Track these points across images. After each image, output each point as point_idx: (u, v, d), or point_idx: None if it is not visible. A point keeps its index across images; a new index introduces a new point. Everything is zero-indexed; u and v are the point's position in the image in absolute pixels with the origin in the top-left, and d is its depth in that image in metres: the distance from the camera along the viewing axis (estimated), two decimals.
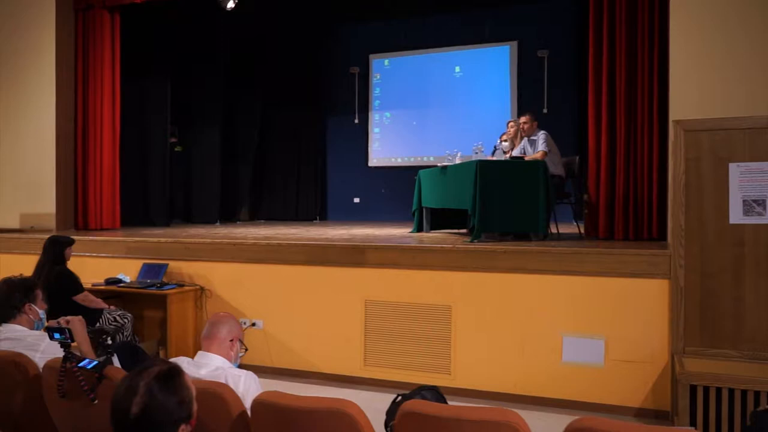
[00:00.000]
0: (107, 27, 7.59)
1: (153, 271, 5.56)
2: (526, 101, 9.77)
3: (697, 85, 4.89)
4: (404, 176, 10.69)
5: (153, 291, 5.27)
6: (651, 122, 5.31)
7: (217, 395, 2.13)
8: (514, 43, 10.00)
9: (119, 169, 7.78)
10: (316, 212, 10.87)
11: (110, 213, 7.67)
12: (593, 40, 5.69)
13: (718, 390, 3.59)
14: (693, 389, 3.64)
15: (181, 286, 5.43)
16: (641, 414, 4.25)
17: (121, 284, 5.50)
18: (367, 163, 10.93)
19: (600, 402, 4.34)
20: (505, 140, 6.72)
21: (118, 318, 5.02)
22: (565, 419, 2.00)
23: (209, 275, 5.50)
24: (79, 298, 4.91)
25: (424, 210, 6.90)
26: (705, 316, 4.07)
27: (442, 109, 10.45)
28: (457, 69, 10.39)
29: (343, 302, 5.03)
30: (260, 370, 4.71)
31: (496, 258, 4.62)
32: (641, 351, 4.26)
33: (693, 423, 3.63)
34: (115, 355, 2.53)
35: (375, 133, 10.91)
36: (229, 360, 2.54)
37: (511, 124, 6.63)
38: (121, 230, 7.60)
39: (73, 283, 4.94)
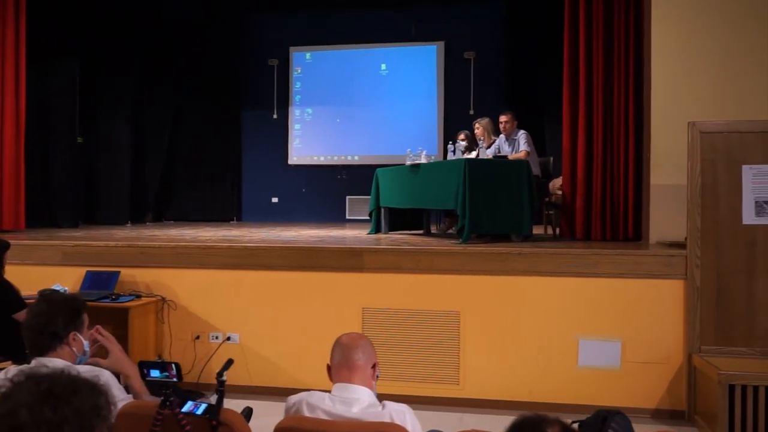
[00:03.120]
0: (10, 1, 6.47)
1: (101, 281, 4.74)
2: (453, 102, 9.78)
3: (677, 87, 5.04)
4: (326, 175, 10.30)
5: (107, 304, 4.47)
6: (627, 123, 5.40)
7: None
8: (441, 44, 9.93)
9: (24, 164, 6.67)
10: (233, 213, 10.11)
11: (12, 213, 6.54)
12: (568, 39, 5.69)
13: (755, 388, 3.64)
14: (731, 389, 3.66)
15: (139, 297, 4.67)
16: (657, 415, 4.23)
17: None
18: (286, 161, 10.35)
19: (616, 405, 4.21)
20: (463, 140, 6.54)
21: None
22: None
23: (171, 284, 4.78)
24: (21, 315, 4.00)
25: (382, 210, 6.57)
26: (720, 315, 4.13)
27: (367, 107, 10.11)
28: (383, 67, 10.13)
29: (337, 311, 4.57)
30: (236, 390, 4.16)
31: (508, 260, 4.42)
32: (657, 351, 4.24)
33: (731, 423, 3.65)
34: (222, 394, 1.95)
35: (295, 129, 10.35)
36: (372, 390, 2.07)
37: (477, 125, 6.50)
38: (26, 232, 6.52)
39: (13, 297, 4.04)
